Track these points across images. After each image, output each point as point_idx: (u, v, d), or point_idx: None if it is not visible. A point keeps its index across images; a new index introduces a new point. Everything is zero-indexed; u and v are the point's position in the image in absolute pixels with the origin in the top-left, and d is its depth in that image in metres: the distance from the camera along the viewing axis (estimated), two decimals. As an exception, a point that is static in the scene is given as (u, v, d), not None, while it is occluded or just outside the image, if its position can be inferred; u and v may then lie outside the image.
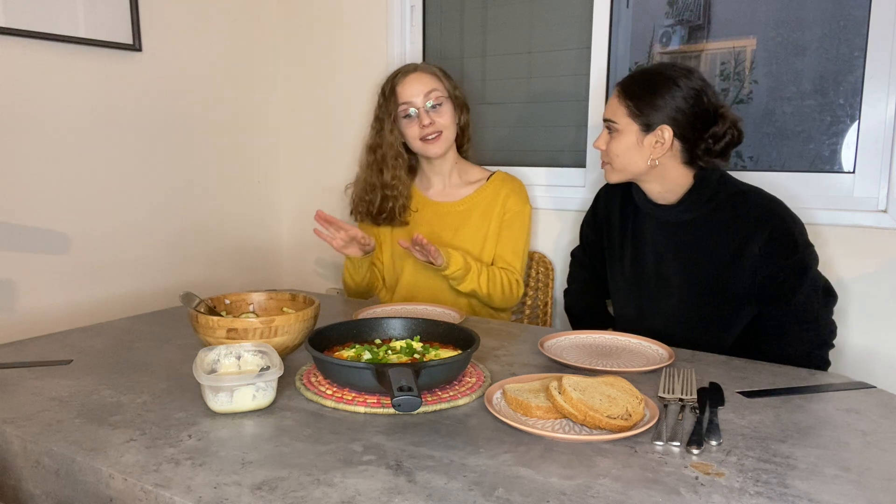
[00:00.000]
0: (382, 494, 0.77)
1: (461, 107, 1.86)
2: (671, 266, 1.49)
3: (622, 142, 1.45)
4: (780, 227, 1.38)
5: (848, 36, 1.67)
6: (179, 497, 0.77)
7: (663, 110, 1.40)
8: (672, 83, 1.40)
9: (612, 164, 1.49)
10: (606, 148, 1.49)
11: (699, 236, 1.45)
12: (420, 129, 1.76)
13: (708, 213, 1.45)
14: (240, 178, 2.45)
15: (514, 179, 1.88)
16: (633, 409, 0.95)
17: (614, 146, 1.46)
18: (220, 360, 1.09)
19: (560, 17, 2.07)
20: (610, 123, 1.47)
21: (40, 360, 1.25)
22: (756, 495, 0.78)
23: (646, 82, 1.43)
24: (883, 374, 1.63)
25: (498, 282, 1.75)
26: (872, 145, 1.63)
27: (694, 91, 1.40)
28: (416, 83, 1.77)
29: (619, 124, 1.45)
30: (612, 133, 1.47)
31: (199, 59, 2.26)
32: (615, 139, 1.46)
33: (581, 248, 1.76)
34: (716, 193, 1.44)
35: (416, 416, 1.00)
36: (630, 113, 1.43)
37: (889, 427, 0.97)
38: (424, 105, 1.76)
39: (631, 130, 1.43)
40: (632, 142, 1.44)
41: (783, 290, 1.38)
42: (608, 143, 1.48)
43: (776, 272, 1.37)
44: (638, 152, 1.44)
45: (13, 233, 1.82)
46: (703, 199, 1.45)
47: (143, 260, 2.15)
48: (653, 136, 1.42)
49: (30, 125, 1.83)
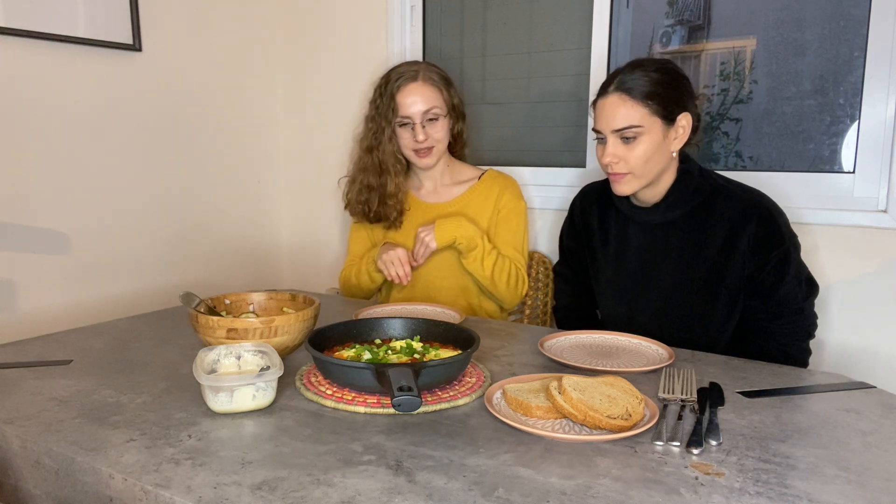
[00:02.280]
0: (382, 494, 0.77)
1: (458, 116, 1.85)
2: (660, 267, 1.48)
3: (648, 144, 1.37)
4: (767, 218, 1.38)
5: (848, 36, 1.67)
6: (179, 497, 0.77)
7: (680, 98, 1.39)
8: (674, 69, 1.41)
9: (635, 172, 1.40)
10: (625, 157, 1.39)
11: (687, 235, 1.45)
12: (414, 142, 1.76)
13: (693, 209, 1.44)
14: (240, 178, 2.45)
15: (506, 177, 1.88)
16: (633, 409, 0.95)
17: (639, 152, 1.37)
18: (220, 360, 1.09)
19: (560, 17, 2.07)
20: (628, 130, 1.37)
21: (40, 360, 1.25)
22: (756, 495, 0.78)
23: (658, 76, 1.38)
24: (883, 374, 1.63)
25: (505, 269, 1.74)
26: (872, 145, 1.63)
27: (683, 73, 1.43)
28: (417, 96, 1.74)
29: (642, 127, 1.37)
30: (629, 140, 1.38)
31: (199, 59, 2.26)
32: (639, 144, 1.37)
33: (562, 261, 1.73)
34: (700, 186, 1.44)
35: (416, 416, 1.00)
36: (651, 111, 1.37)
37: (889, 427, 0.97)
38: (422, 120, 1.75)
39: (655, 129, 1.38)
40: (658, 140, 1.38)
41: (769, 281, 1.38)
42: (627, 153, 1.38)
43: (763, 264, 1.38)
44: (663, 150, 1.39)
45: (13, 233, 1.82)
46: (688, 191, 1.44)
47: (144, 260, 2.15)
48: (675, 127, 1.40)
49: (30, 125, 1.83)
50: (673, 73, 1.40)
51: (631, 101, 1.37)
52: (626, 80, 1.38)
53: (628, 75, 1.39)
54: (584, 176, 2.05)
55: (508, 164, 2.11)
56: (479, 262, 1.71)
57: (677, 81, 1.40)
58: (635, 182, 1.42)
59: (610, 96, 1.39)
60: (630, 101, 1.37)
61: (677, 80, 1.40)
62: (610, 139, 1.40)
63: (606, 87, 1.41)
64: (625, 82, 1.38)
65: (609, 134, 1.40)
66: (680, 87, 1.40)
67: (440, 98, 1.77)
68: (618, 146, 1.39)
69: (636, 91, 1.37)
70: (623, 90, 1.38)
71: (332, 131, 2.46)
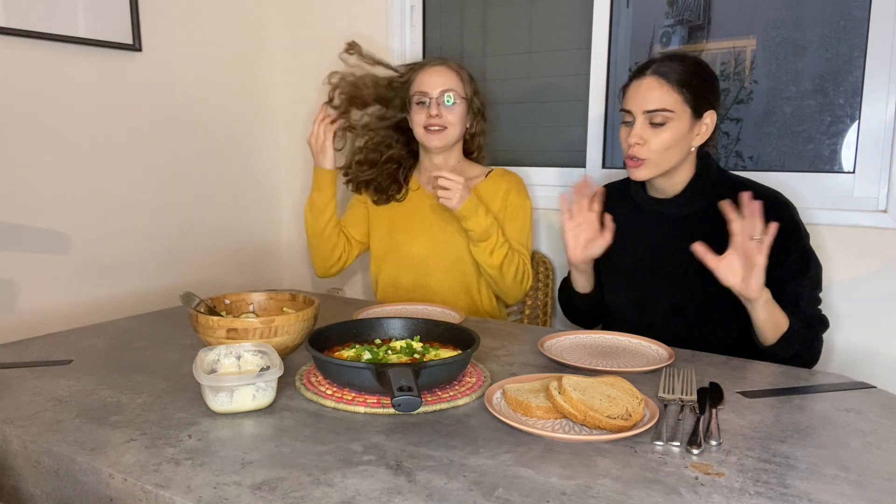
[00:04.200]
0: (382, 494, 0.77)
1: (476, 113, 1.85)
2: (675, 260, 1.48)
3: (674, 132, 1.39)
4: (787, 214, 1.39)
5: (848, 36, 1.67)
6: (179, 497, 0.77)
7: (710, 95, 1.42)
8: (708, 67, 1.43)
9: (652, 159, 1.40)
10: (649, 141, 1.39)
11: (705, 228, 1.45)
12: (427, 117, 1.77)
13: (712, 203, 1.45)
14: (240, 178, 2.45)
15: (513, 175, 1.88)
16: (633, 409, 0.95)
17: (664, 138, 1.38)
18: (220, 360, 1.09)
19: (560, 17, 2.07)
20: (659, 113, 1.38)
21: (40, 360, 1.25)
22: (756, 495, 0.78)
23: (693, 68, 1.41)
24: (883, 375, 1.63)
25: (514, 262, 1.74)
26: (872, 145, 1.63)
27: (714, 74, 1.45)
28: (437, 76, 1.78)
29: (673, 113, 1.38)
30: (657, 126, 1.39)
31: (199, 59, 2.26)
32: (665, 131, 1.38)
33: None
34: (718, 181, 1.45)
35: (416, 416, 1.00)
36: (684, 99, 1.38)
37: (889, 427, 0.97)
38: (438, 97, 1.76)
39: (684, 119, 1.39)
40: (684, 131, 1.40)
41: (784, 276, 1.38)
42: (652, 137, 1.39)
43: (780, 259, 1.38)
44: (685, 142, 1.41)
45: (13, 233, 1.82)
46: (706, 186, 1.45)
47: (143, 260, 2.15)
48: (700, 122, 1.42)
49: (30, 125, 1.83)
50: (707, 71, 1.44)
51: (667, 86, 1.39)
52: (663, 66, 1.41)
53: (666, 63, 1.41)
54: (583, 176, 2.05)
55: (508, 164, 2.10)
56: (489, 254, 1.71)
57: (710, 79, 1.44)
58: (652, 169, 1.43)
59: (647, 78, 1.41)
60: (666, 86, 1.39)
61: (710, 77, 1.44)
62: (639, 120, 1.41)
63: (643, 70, 1.43)
64: (662, 67, 1.41)
65: (639, 114, 1.41)
66: (711, 86, 1.43)
67: (460, 86, 1.80)
68: (645, 128, 1.40)
69: (672, 77, 1.39)
70: (660, 74, 1.40)
71: (332, 131, 2.46)
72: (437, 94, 1.76)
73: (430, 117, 1.76)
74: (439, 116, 1.76)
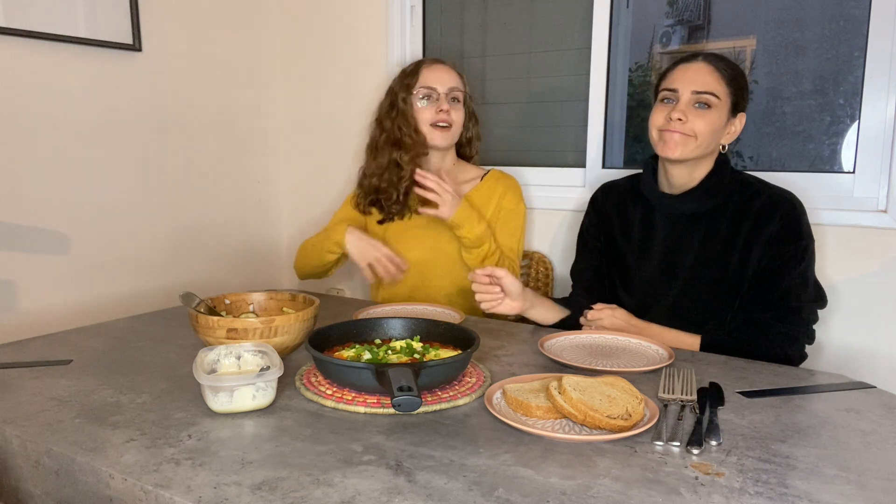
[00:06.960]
0: (382, 494, 0.77)
1: (471, 115, 1.86)
2: (682, 257, 1.48)
3: (716, 119, 1.40)
4: (792, 213, 1.40)
5: (848, 36, 1.67)
6: (179, 497, 0.77)
7: (744, 99, 1.45)
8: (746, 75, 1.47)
9: (699, 136, 1.40)
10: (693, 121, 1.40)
11: (714, 227, 1.45)
12: (435, 112, 1.74)
13: (723, 202, 1.45)
14: (240, 178, 2.45)
15: (509, 177, 1.88)
16: (633, 409, 0.95)
17: (709, 119, 1.40)
18: (220, 360, 1.09)
19: (560, 17, 2.07)
20: (707, 96, 1.39)
21: (40, 360, 1.25)
22: (756, 495, 0.78)
23: (738, 70, 1.44)
24: (883, 375, 1.63)
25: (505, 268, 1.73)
26: (872, 145, 1.63)
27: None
28: (444, 73, 1.77)
29: (719, 99, 1.40)
30: (702, 107, 1.40)
31: (199, 59, 2.26)
32: (711, 114, 1.40)
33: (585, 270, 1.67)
34: (732, 180, 1.46)
35: (416, 416, 1.00)
36: (729, 92, 1.41)
37: (889, 427, 0.97)
38: (446, 94, 1.75)
39: (724, 112, 1.42)
40: (722, 123, 1.42)
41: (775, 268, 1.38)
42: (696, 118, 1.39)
43: (777, 255, 1.38)
44: (719, 133, 1.43)
45: (13, 233, 1.82)
46: (721, 184, 1.46)
47: (143, 260, 2.15)
48: (733, 121, 1.45)
49: (29, 125, 1.83)
50: (745, 78, 1.47)
51: (717, 75, 1.41)
52: (714, 58, 1.44)
53: (715, 58, 1.44)
54: (584, 176, 2.05)
55: (508, 164, 2.10)
56: (480, 260, 1.71)
57: (746, 86, 1.47)
58: (693, 147, 1.41)
59: (698, 62, 1.43)
60: (717, 74, 1.41)
61: (746, 84, 1.47)
62: (685, 98, 1.41)
63: (692, 57, 1.45)
64: (713, 59, 1.43)
65: (687, 93, 1.41)
66: (746, 91, 1.47)
67: (462, 86, 1.80)
68: (689, 108, 1.41)
69: (723, 70, 1.42)
70: (711, 63, 1.42)
71: (332, 130, 2.47)
72: (444, 91, 1.75)
73: (439, 112, 1.74)
74: (448, 113, 1.75)
